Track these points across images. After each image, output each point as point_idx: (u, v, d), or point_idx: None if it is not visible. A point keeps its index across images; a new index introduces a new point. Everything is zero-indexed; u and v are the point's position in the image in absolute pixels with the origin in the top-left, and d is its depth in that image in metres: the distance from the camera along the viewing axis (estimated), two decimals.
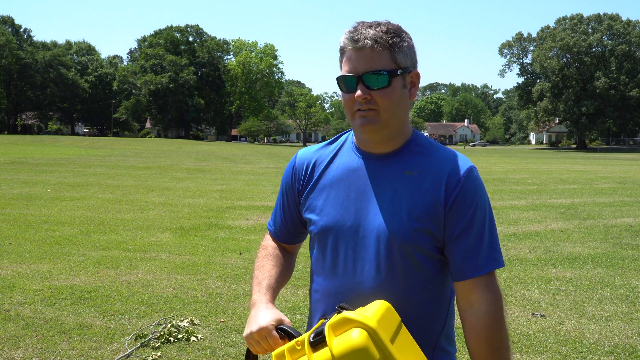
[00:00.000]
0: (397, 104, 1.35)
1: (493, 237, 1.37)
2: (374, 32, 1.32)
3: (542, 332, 4.28)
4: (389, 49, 1.32)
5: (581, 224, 9.34)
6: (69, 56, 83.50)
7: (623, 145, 67.05)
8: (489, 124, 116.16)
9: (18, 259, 6.37)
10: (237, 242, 7.63)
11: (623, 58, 65.79)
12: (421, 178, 1.36)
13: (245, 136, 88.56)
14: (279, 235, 1.62)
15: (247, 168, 22.49)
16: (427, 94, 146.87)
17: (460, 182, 1.34)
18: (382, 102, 1.33)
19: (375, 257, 1.35)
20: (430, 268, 1.37)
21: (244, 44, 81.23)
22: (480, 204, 1.35)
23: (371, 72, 1.31)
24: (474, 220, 1.34)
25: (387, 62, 1.32)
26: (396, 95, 1.34)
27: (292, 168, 1.54)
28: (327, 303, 1.42)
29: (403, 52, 1.35)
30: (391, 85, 1.33)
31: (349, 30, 1.34)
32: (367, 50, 1.31)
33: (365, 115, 1.34)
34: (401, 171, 1.38)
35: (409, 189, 1.36)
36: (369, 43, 1.31)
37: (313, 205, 1.47)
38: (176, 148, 39.41)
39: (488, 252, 1.35)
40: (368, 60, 1.31)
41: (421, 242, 1.34)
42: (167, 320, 4.37)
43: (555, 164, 29.47)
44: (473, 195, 1.35)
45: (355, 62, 1.33)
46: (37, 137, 51.18)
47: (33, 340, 3.97)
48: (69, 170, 18.56)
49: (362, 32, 1.32)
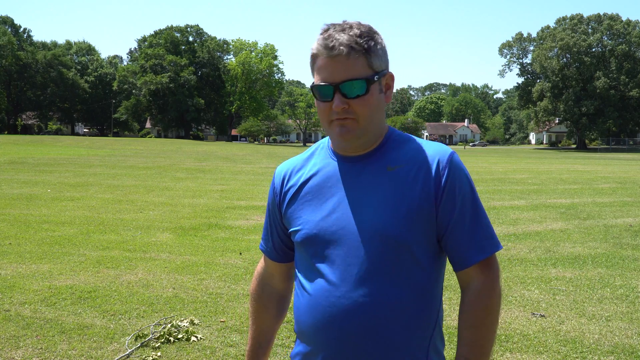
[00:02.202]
0: (374, 110, 1.31)
1: (486, 219, 1.37)
2: (348, 36, 1.25)
3: (542, 332, 4.28)
4: (364, 54, 1.27)
5: (581, 224, 9.34)
6: (69, 56, 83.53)
7: (623, 145, 67.02)
8: (489, 124, 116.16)
9: (18, 259, 6.37)
10: (237, 242, 7.63)
11: (623, 58, 65.79)
12: (404, 171, 1.33)
13: (245, 136, 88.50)
14: (273, 254, 1.57)
15: (247, 168, 22.49)
16: (427, 94, 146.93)
17: (446, 170, 1.32)
18: (360, 111, 1.29)
19: (367, 260, 1.31)
20: (424, 263, 1.34)
21: (244, 44, 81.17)
22: (469, 188, 1.35)
23: (348, 80, 1.26)
24: (466, 206, 1.33)
25: (364, 69, 1.27)
26: (374, 102, 1.30)
27: (272, 186, 1.52)
28: (315, 314, 1.36)
29: (378, 56, 1.30)
30: (369, 93, 1.28)
31: (321, 35, 1.28)
32: (342, 57, 1.25)
33: (343, 124, 1.30)
34: (382, 168, 1.34)
35: (393, 184, 1.32)
36: (344, 50, 1.24)
37: (295, 216, 1.42)
38: (176, 148, 39.40)
39: (486, 235, 1.35)
40: (344, 68, 1.26)
41: (413, 237, 1.31)
42: (167, 320, 4.37)
43: (555, 164, 29.47)
44: (460, 181, 1.33)
45: (331, 70, 1.27)
46: (37, 137, 51.18)
47: (33, 340, 3.97)
48: (69, 170, 18.56)
49: (336, 37, 1.25)
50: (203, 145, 46.23)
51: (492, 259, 1.36)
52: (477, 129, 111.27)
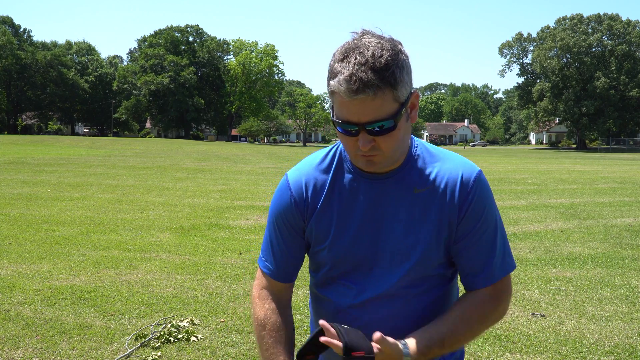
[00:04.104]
0: (402, 139, 1.25)
1: (505, 242, 1.35)
2: (373, 74, 1.11)
3: (542, 332, 4.28)
4: (391, 88, 1.14)
5: (581, 224, 9.34)
6: (69, 56, 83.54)
7: (623, 145, 67.04)
8: (489, 124, 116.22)
9: (18, 259, 6.37)
10: (237, 242, 7.63)
11: (623, 58, 65.81)
12: (431, 194, 1.30)
13: (245, 136, 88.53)
14: (280, 275, 1.43)
15: (247, 168, 22.49)
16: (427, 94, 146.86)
17: (471, 191, 1.30)
18: (386, 146, 1.21)
19: (392, 279, 1.32)
20: (448, 275, 1.37)
21: (244, 44, 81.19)
22: (491, 210, 1.33)
23: (376, 121, 1.16)
24: (485, 228, 1.31)
25: (390, 105, 1.16)
26: (401, 133, 1.23)
27: (289, 197, 1.37)
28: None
29: (404, 83, 1.17)
30: (397, 127, 1.20)
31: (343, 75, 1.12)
32: (368, 99, 1.13)
33: (370, 159, 1.24)
34: (409, 189, 1.31)
35: (420, 207, 1.30)
36: (370, 93, 1.12)
37: (322, 235, 1.35)
38: (176, 148, 39.40)
39: (501, 260, 1.34)
40: (371, 109, 1.15)
41: (438, 258, 1.32)
42: (167, 320, 4.37)
43: (555, 164, 29.47)
44: (484, 202, 1.31)
45: (355, 110, 1.15)
46: (37, 137, 51.18)
47: (33, 340, 3.97)
48: (69, 170, 18.56)
49: (361, 77, 1.11)
50: (203, 145, 46.24)
51: (503, 283, 1.34)
52: (477, 129, 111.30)
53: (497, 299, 1.33)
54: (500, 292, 1.34)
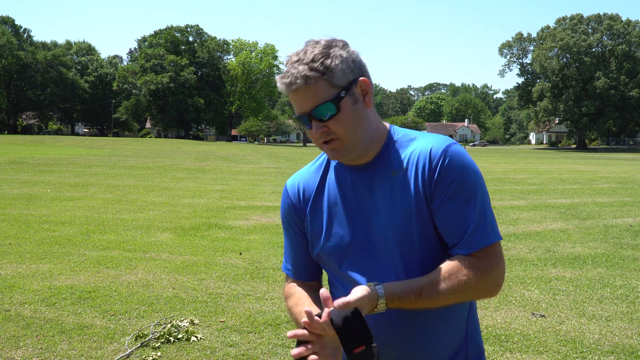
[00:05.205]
0: (353, 123, 1.33)
1: (486, 212, 1.31)
2: (302, 66, 1.28)
3: (542, 332, 4.28)
4: (322, 78, 1.28)
5: (581, 224, 9.34)
6: (69, 56, 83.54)
7: (623, 145, 67.02)
8: (489, 124, 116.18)
9: (18, 259, 6.37)
10: (237, 242, 7.63)
11: (623, 58, 65.79)
12: (407, 172, 1.35)
13: (245, 136, 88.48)
14: (301, 274, 1.54)
15: (247, 168, 22.50)
16: (427, 94, 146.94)
17: (440, 160, 1.30)
18: (338, 129, 1.31)
19: (392, 264, 1.35)
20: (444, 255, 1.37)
21: (244, 44, 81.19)
22: (465, 179, 1.30)
23: (316, 107, 1.29)
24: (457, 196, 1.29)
25: (327, 91, 1.29)
26: (350, 116, 1.32)
27: (287, 200, 1.51)
28: None
29: (339, 71, 1.29)
30: (341, 110, 1.30)
31: (280, 75, 1.32)
32: (302, 88, 1.29)
33: (331, 147, 1.34)
34: (388, 173, 1.37)
35: (396, 188, 1.35)
36: (301, 82, 1.28)
37: (317, 230, 1.44)
38: (176, 148, 39.41)
39: (481, 229, 1.29)
40: (309, 97, 1.30)
41: (427, 236, 1.34)
42: (167, 320, 4.37)
43: (555, 164, 29.47)
44: (455, 170, 1.30)
45: (299, 102, 1.32)
46: (37, 137, 51.19)
47: (33, 340, 3.97)
48: (69, 170, 18.56)
49: (291, 72, 1.29)
50: (203, 145, 46.25)
51: (483, 252, 1.29)
52: (477, 129, 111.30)
53: (481, 269, 1.27)
54: (484, 262, 1.28)
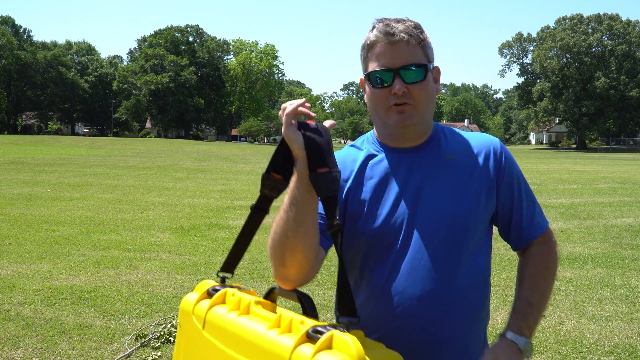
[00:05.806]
0: (430, 98, 1.36)
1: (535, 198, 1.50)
2: (405, 27, 1.31)
3: (542, 332, 4.28)
4: (420, 44, 1.33)
5: (581, 224, 9.34)
6: (69, 56, 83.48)
7: (623, 145, 66.96)
8: (489, 124, 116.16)
9: (18, 259, 6.37)
10: None
11: (623, 58, 65.75)
12: (463, 159, 1.39)
13: (245, 136, 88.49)
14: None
15: (247, 168, 22.49)
16: None
17: (502, 155, 1.41)
18: (418, 96, 1.32)
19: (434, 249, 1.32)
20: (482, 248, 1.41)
21: (244, 44, 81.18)
22: (520, 173, 1.47)
23: (408, 65, 1.30)
24: (521, 187, 1.44)
25: (421, 56, 1.32)
26: (430, 89, 1.35)
27: None
28: (381, 302, 1.35)
29: (429, 48, 1.36)
30: (426, 79, 1.33)
31: (381, 24, 1.32)
32: (402, 44, 1.30)
33: (402, 110, 1.32)
34: (441, 157, 1.39)
35: (454, 171, 1.37)
36: (404, 37, 1.30)
37: (357, 210, 1.38)
38: (176, 148, 39.40)
39: (540, 212, 1.48)
40: (404, 54, 1.30)
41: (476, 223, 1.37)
42: (167, 320, 4.37)
43: (555, 164, 29.46)
44: (513, 164, 1.44)
45: (390, 55, 1.31)
46: (37, 137, 51.16)
47: (33, 340, 3.97)
48: (69, 170, 18.56)
49: (395, 26, 1.31)
50: (203, 145, 46.23)
51: (548, 232, 1.48)
52: (477, 129, 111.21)
53: (550, 245, 1.47)
54: (549, 239, 1.48)
